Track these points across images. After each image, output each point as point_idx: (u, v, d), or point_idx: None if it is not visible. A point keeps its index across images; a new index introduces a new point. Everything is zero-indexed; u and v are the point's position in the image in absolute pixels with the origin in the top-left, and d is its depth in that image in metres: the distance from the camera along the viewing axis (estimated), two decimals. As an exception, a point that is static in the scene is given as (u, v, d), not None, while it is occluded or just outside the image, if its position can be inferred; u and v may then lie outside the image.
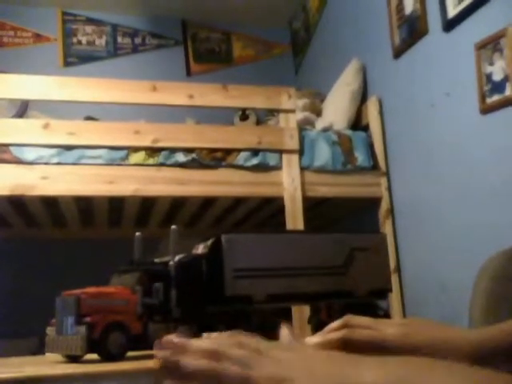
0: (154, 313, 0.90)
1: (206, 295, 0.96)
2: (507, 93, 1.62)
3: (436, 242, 1.98)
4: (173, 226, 0.96)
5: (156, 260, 1.00)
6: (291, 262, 1.02)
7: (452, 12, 1.86)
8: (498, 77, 1.67)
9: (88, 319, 0.83)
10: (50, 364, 0.88)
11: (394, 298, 2.12)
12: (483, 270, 1.27)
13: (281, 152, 2.15)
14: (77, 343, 0.82)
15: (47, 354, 1.69)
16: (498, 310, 1.21)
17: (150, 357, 0.88)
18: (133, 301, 0.89)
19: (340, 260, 1.06)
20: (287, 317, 2.05)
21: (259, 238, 1.01)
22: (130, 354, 0.87)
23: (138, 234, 1.02)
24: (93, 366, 0.77)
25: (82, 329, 0.82)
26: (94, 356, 0.83)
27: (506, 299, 1.20)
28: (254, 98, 2.22)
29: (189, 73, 3.38)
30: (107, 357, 0.83)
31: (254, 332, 0.97)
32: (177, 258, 0.95)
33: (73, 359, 0.87)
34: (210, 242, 0.99)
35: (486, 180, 1.73)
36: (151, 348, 0.95)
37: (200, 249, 1.01)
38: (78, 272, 2.52)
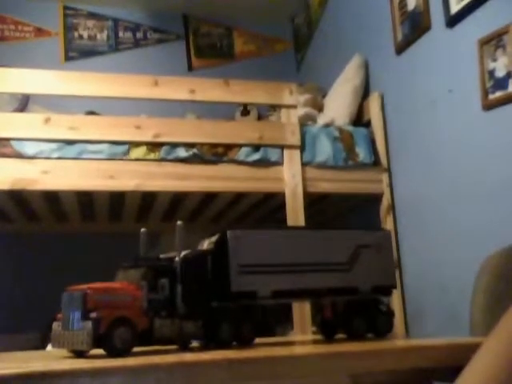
0: (160, 308, 0.91)
1: (211, 291, 0.96)
2: (510, 89, 1.63)
3: (437, 238, 1.98)
4: (178, 222, 0.96)
5: (162, 256, 1.00)
6: (297, 258, 1.02)
7: (455, 8, 1.85)
8: (500, 73, 1.67)
9: (94, 314, 0.82)
10: (56, 359, 0.88)
11: (395, 294, 2.12)
12: (483, 267, 1.28)
13: (282, 147, 2.15)
14: (83, 338, 0.82)
15: (50, 349, 1.69)
16: (498, 308, 1.21)
17: (156, 352, 0.89)
18: (138, 296, 0.89)
19: (345, 257, 1.06)
20: (288, 314, 2.06)
21: (265, 234, 1.01)
22: (136, 349, 0.87)
23: (143, 229, 1.02)
24: (99, 361, 0.77)
25: (88, 324, 0.82)
26: (100, 351, 0.84)
27: (505, 297, 1.21)
28: (256, 94, 2.21)
29: (190, 68, 3.38)
30: (113, 352, 0.83)
31: (257, 328, 0.98)
32: (182, 253, 0.95)
33: (78, 354, 0.87)
34: (215, 238, 0.99)
35: (487, 177, 1.73)
36: (156, 344, 0.96)
37: (205, 245, 1.01)
38: (79, 266, 2.52)
